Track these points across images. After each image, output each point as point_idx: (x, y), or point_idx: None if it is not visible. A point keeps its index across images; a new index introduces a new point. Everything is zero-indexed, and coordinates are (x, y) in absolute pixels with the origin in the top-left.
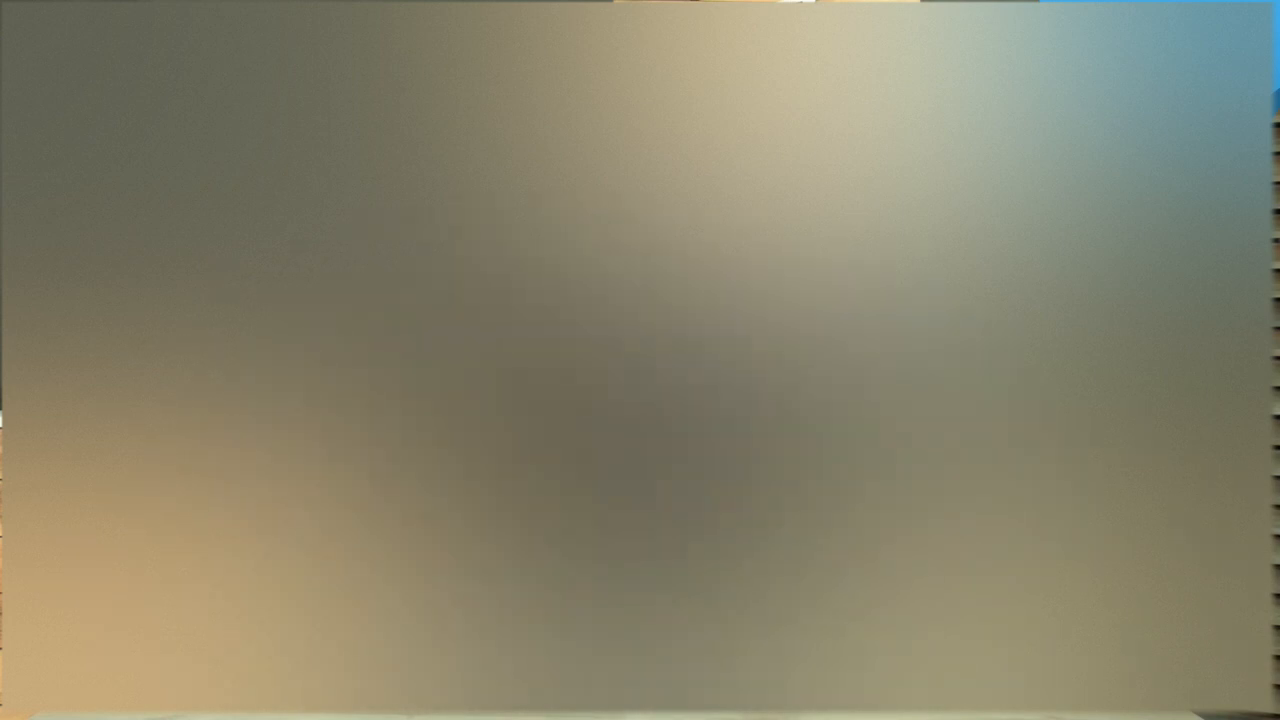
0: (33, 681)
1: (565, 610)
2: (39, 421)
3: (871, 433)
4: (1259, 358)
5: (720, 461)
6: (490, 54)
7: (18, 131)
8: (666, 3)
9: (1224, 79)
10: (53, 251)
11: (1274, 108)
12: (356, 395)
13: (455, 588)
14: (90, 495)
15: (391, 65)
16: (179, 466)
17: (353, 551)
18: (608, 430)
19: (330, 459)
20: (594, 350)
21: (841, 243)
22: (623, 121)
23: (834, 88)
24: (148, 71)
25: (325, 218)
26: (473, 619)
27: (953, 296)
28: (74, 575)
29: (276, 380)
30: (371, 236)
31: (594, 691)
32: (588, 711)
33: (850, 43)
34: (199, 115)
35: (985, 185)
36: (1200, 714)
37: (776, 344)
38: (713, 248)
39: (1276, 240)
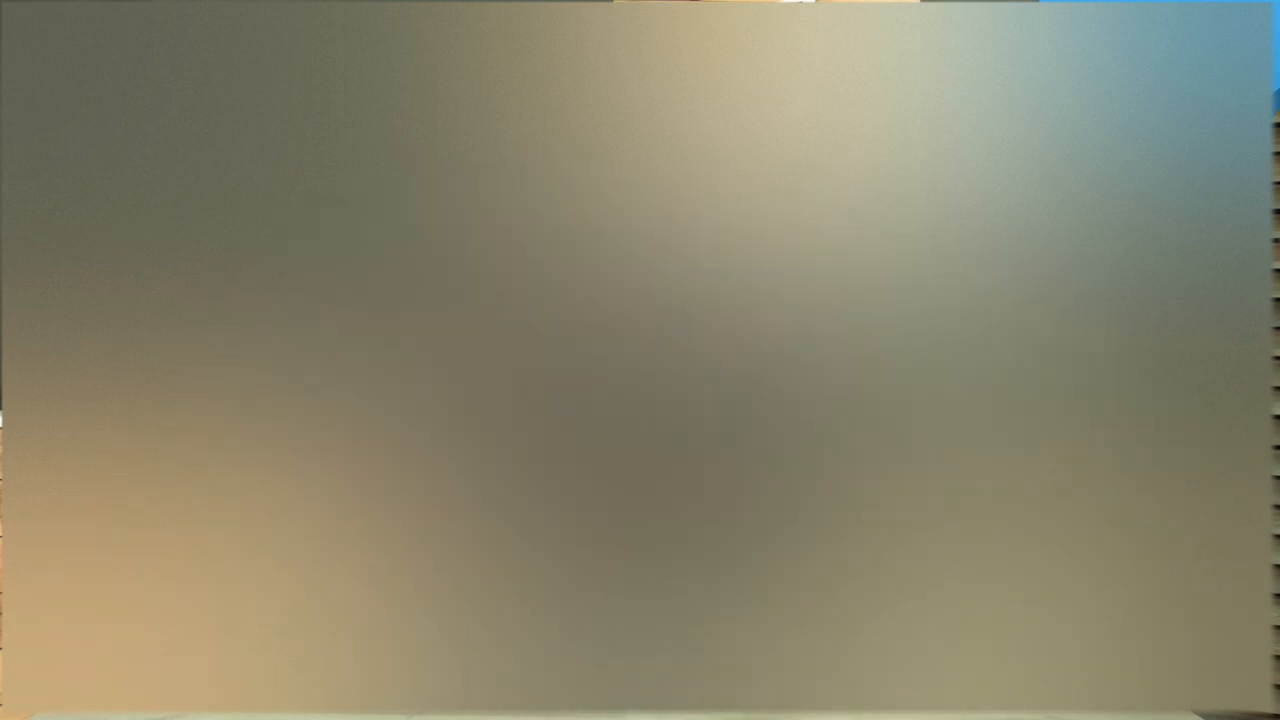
0: (33, 681)
1: (567, 611)
2: (39, 421)
3: (872, 434)
4: (1259, 358)
5: (722, 463)
6: (490, 54)
7: (18, 131)
8: (666, 3)
9: (1224, 79)
10: (53, 251)
11: (1274, 108)
12: (358, 397)
13: (457, 589)
14: (90, 495)
15: (391, 65)
16: (179, 466)
17: (353, 553)
18: (609, 433)
19: (331, 461)
20: (594, 351)
21: (841, 242)
22: (623, 121)
23: (834, 88)
24: (148, 71)
25: (325, 218)
26: (474, 620)
27: (953, 296)
28: (74, 575)
29: (277, 381)
30: (372, 237)
31: (594, 691)
32: (588, 711)
33: (850, 43)
34: (199, 115)
35: (985, 185)
36: (1200, 714)
37: (776, 344)
38: (712, 247)
39: (1276, 240)
